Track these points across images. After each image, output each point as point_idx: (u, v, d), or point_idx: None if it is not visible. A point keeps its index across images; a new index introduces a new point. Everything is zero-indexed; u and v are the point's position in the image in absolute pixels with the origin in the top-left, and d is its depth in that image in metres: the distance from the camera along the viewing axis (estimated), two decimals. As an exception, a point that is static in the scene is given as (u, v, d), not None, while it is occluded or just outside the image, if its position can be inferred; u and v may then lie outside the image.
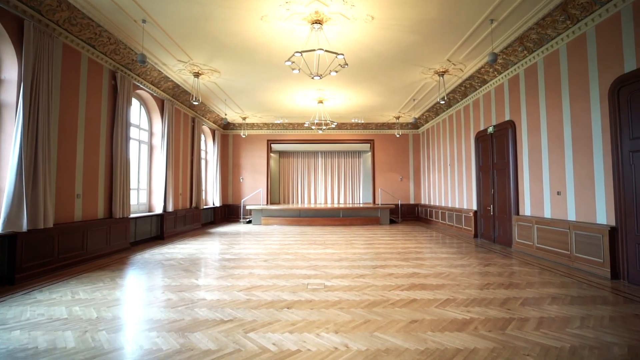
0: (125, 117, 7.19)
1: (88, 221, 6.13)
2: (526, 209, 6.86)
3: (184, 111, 10.55)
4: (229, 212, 14.26)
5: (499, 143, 7.88)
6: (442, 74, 8.25)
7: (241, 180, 14.40)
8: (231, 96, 10.46)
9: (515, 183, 7.20)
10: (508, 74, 7.40)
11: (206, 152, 13.41)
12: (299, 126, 14.28)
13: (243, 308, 3.61)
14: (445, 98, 8.59)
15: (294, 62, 5.66)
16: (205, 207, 12.39)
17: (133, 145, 8.28)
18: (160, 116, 9.12)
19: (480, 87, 8.58)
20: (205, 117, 12.24)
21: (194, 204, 11.06)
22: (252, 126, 14.27)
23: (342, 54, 5.30)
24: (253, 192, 14.21)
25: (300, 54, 5.23)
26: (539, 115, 6.47)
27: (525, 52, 6.54)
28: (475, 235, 8.98)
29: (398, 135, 13.86)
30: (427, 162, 13.41)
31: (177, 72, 8.27)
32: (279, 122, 13.05)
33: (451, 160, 10.86)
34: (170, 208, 9.14)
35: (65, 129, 5.72)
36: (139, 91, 8.26)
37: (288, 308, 3.59)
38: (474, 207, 9.17)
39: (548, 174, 6.21)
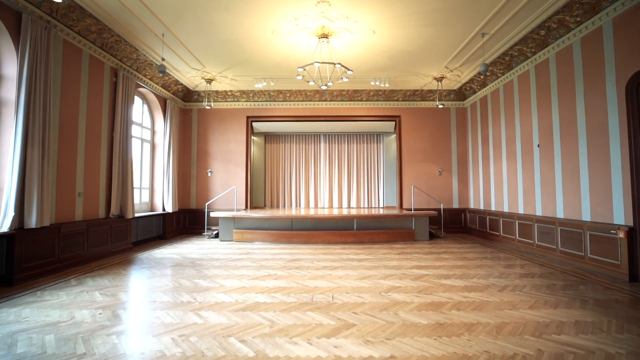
0: None
1: None
2: None
3: (91, 53, 6.15)
4: (190, 221, 9.85)
5: None
6: None
7: (209, 174, 9.98)
8: (170, 25, 6.05)
9: None
10: None
11: (154, 132, 9.02)
12: (292, 95, 9.85)
13: None
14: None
15: None
16: (146, 213, 8.01)
17: None
18: (14, 48, 4.74)
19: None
20: (145, 75, 7.83)
21: (113, 211, 6.67)
22: (224, 96, 9.85)
23: None
24: (225, 190, 9.79)
25: None
26: None
27: None
28: (634, 278, 4.54)
29: (441, 107, 9.34)
30: (481, 147, 8.94)
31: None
32: (261, 85, 8.62)
33: (545, 138, 6.42)
34: (34, 222, 4.75)
35: None
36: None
37: None
38: (623, 221, 4.73)
39: None
